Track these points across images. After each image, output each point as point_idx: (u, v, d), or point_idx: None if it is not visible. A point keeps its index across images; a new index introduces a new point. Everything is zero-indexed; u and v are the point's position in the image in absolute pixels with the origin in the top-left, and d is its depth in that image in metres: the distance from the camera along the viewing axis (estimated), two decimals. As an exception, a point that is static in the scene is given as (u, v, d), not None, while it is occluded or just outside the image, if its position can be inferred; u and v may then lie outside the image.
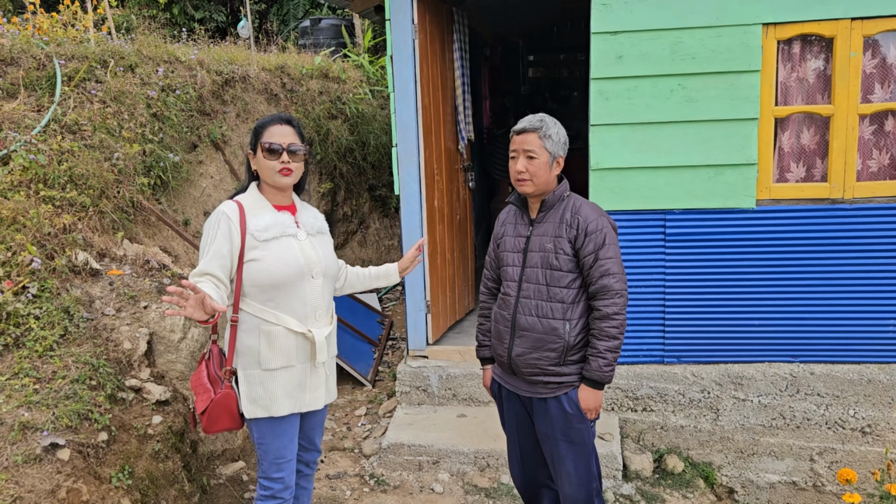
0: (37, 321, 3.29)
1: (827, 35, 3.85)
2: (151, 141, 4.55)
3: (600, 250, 2.62)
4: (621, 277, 2.63)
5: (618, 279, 2.62)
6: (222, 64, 5.70)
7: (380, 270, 3.03)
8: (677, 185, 4.04)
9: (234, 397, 2.61)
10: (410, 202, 4.42)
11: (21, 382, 3.02)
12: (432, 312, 4.62)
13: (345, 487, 3.92)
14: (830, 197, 3.98)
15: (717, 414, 4.21)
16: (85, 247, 3.78)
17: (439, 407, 4.48)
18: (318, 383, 2.71)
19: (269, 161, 2.59)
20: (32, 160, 3.84)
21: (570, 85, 9.78)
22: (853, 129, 3.89)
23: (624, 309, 2.63)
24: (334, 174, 6.73)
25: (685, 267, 4.14)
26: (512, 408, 2.91)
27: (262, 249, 2.54)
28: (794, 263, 4.05)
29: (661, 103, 3.97)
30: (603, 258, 2.61)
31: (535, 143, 2.65)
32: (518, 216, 2.82)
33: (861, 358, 4.10)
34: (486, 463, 4.00)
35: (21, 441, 2.79)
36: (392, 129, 4.35)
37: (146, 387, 3.39)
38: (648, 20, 3.91)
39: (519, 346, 2.72)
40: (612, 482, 3.88)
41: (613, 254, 2.64)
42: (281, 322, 2.58)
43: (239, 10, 11.53)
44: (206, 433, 2.66)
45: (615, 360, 2.65)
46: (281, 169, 2.59)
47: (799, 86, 3.98)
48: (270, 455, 2.67)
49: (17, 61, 4.49)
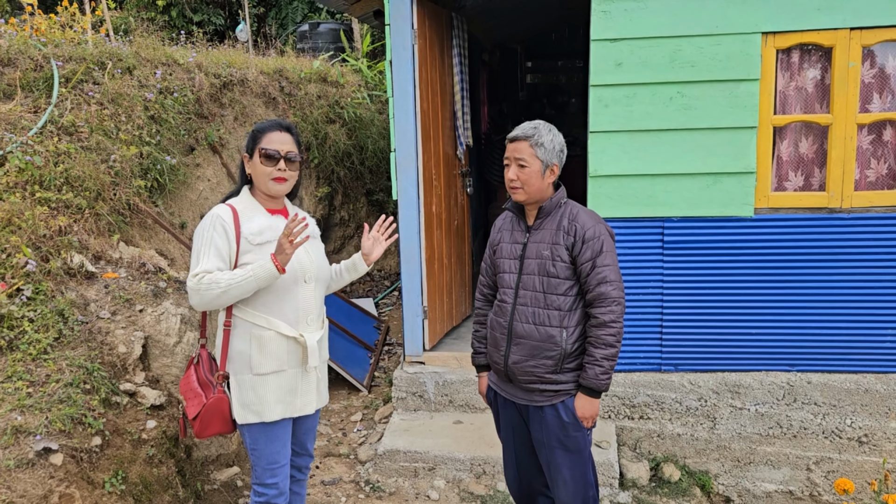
0: (31, 324, 3.26)
1: (826, 45, 3.85)
2: (148, 143, 4.53)
3: (598, 257, 2.60)
4: (619, 285, 2.62)
5: (615, 287, 2.61)
6: (220, 67, 5.69)
7: (347, 263, 2.93)
8: (675, 193, 4.04)
9: (227, 401, 2.60)
10: (408, 207, 4.41)
11: (14, 386, 2.99)
12: (429, 318, 4.60)
13: (340, 493, 3.90)
14: (828, 206, 3.98)
15: (714, 422, 4.20)
16: (80, 249, 3.76)
17: (435, 413, 4.46)
18: (309, 388, 2.70)
19: (265, 167, 2.58)
20: (28, 161, 3.82)
21: (567, 91, 9.80)
22: (851, 139, 3.90)
23: (621, 317, 2.62)
24: (332, 178, 6.72)
25: (683, 275, 4.14)
26: (508, 415, 2.90)
27: (256, 253, 2.53)
28: (791, 272, 4.05)
29: (660, 111, 3.97)
30: (600, 265, 2.60)
31: (525, 151, 2.64)
32: (515, 223, 2.81)
33: (858, 367, 4.09)
34: (483, 470, 3.98)
35: (13, 445, 2.76)
36: (390, 133, 4.34)
37: (141, 391, 3.37)
38: (648, 28, 3.91)
39: (515, 353, 2.71)
40: (608, 490, 3.87)
41: (611, 261, 2.62)
42: (272, 326, 2.58)
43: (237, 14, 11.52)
44: (198, 438, 2.65)
45: (612, 368, 2.64)
46: (276, 177, 2.58)
47: (798, 95, 3.99)
48: (264, 461, 2.66)
49: (15, 62, 4.47)
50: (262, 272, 2.46)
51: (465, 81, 5.23)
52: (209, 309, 2.55)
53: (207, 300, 2.47)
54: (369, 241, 2.88)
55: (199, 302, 2.49)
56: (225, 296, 2.46)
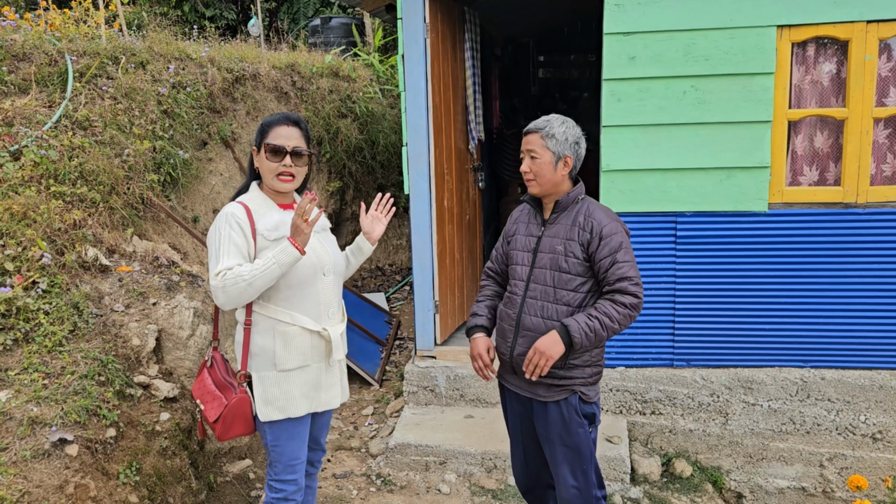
0: (46, 317, 3.29)
1: (842, 38, 3.81)
2: (162, 138, 4.56)
3: (617, 254, 2.57)
4: (638, 281, 2.59)
5: (634, 283, 2.57)
6: (233, 61, 5.71)
7: (352, 247, 2.88)
8: (688, 188, 4.02)
9: (249, 402, 2.57)
10: (420, 202, 4.41)
11: (30, 378, 3.02)
12: (440, 312, 4.60)
13: (351, 487, 3.91)
14: (844, 201, 3.94)
15: (727, 418, 4.18)
16: (95, 243, 3.78)
17: (447, 407, 4.46)
18: (333, 381, 2.70)
19: (271, 162, 2.54)
20: (43, 156, 3.85)
21: (579, 86, 9.75)
22: (867, 133, 3.86)
23: (636, 310, 2.57)
24: (343, 173, 6.73)
25: (696, 270, 4.12)
26: (514, 408, 2.90)
27: (273, 249, 2.50)
28: (805, 268, 4.02)
29: (674, 105, 3.95)
30: (621, 261, 2.57)
31: (536, 142, 2.65)
32: (531, 216, 2.81)
33: (873, 364, 4.06)
34: (494, 464, 3.99)
35: (30, 436, 2.79)
36: (402, 128, 4.34)
37: (154, 383, 3.39)
38: (661, 21, 3.88)
39: (521, 344, 2.70)
40: (619, 486, 3.86)
41: (630, 258, 2.60)
42: (297, 322, 2.56)
43: (249, 9, 11.54)
44: (220, 440, 2.62)
45: (596, 339, 2.54)
46: (281, 173, 2.54)
47: (813, 88, 3.95)
48: (285, 458, 2.64)
49: (30, 57, 4.50)
50: (285, 257, 2.42)
51: (477, 76, 5.22)
52: (236, 305, 2.49)
53: (234, 295, 2.42)
54: (368, 220, 2.82)
55: (225, 300, 2.44)
56: (251, 288, 2.42)
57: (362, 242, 2.85)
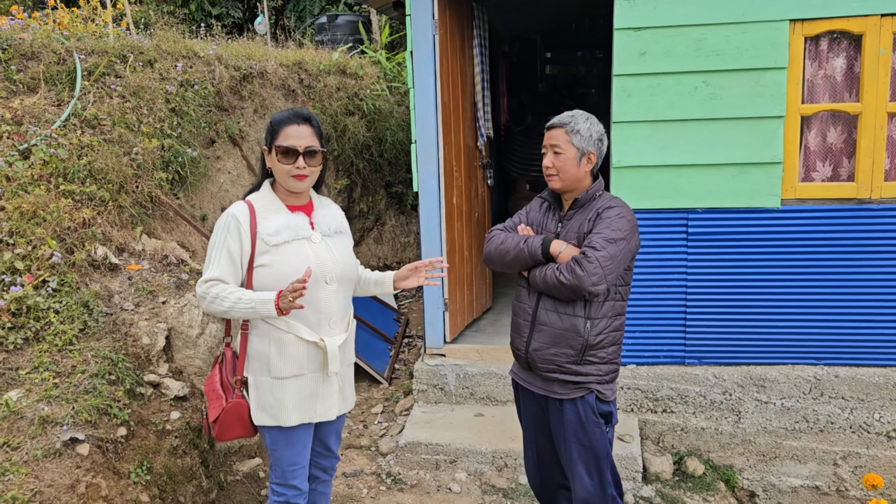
0: (56, 315, 3.29)
1: (855, 32, 3.77)
2: (170, 136, 4.55)
3: (605, 229, 2.54)
4: (603, 258, 2.49)
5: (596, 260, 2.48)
6: (240, 59, 5.69)
7: (377, 277, 2.79)
8: (700, 184, 3.98)
9: (246, 406, 2.53)
10: (429, 199, 4.39)
11: (41, 377, 3.02)
12: (450, 310, 4.58)
13: (361, 485, 3.90)
14: (857, 197, 3.90)
15: (739, 416, 4.15)
16: (104, 241, 3.78)
17: (456, 406, 4.44)
18: (330, 392, 2.59)
19: (284, 164, 2.45)
20: (53, 154, 3.85)
21: (587, 82, 9.70)
22: (881, 128, 3.82)
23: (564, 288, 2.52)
24: (351, 171, 6.71)
25: (708, 267, 4.08)
26: (528, 406, 2.88)
27: (274, 254, 2.44)
28: (819, 264, 3.98)
29: (685, 100, 3.91)
30: (598, 231, 2.54)
31: (561, 138, 2.63)
32: (549, 213, 2.79)
33: (887, 361, 4.02)
34: (504, 463, 3.97)
35: (41, 435, 2.78)
36: (411, 125, 4.32)
37: (164, 382, 3.38)
38: (672, 16, 3.85)
39: (537, 339, 2.68)
40: (631, 484, 3.84)
41: (615, 237, 2.52)
42: (291, 330, 2.48)
43: (255, 7, 11.53)
44: (219, 441, 2.60)
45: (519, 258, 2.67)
46: (296, 175, 2.46)
47: (826, 83, 3.91)
48: (284, 462, 2.59)
49: (38, 56, 4.50)
50: (263, 309, 2.37)
51: (485, 72, 5.19)
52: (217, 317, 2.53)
53: (213, 312, 2.46)
54: (408, 271, 2.72)
55: (205, 310, 2.50)
56: (228, 314, 2.42)
57: (388, 282, 2.76)
